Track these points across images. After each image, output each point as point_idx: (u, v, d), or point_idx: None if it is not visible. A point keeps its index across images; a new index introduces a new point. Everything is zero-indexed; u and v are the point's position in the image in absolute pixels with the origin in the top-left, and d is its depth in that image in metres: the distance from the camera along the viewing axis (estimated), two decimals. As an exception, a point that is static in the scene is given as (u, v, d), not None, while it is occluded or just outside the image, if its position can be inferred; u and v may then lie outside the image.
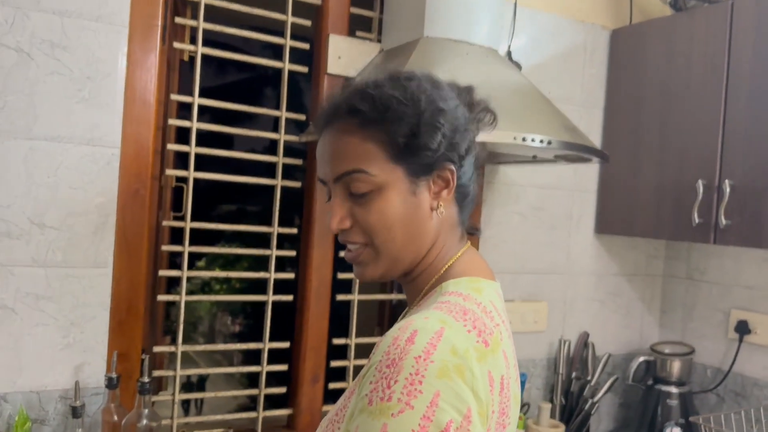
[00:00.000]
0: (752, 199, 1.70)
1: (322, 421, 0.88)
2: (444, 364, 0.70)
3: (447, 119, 0.83)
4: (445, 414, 0.68)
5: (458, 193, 0.87)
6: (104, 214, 1.48)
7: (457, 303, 0.78)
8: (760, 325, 2.01)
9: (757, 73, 1.71)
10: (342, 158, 0.82)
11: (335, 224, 0.84)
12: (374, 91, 0.82)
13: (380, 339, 0.75)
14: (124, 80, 1.48)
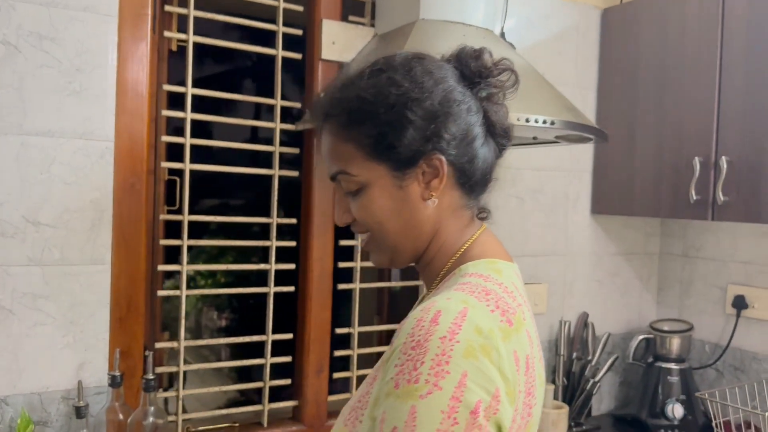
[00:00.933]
0: (749, 174, 1.70)
1: (344, 408, 0.87)
2: (470, 344, 0.69)
3: (420, 110, 0.80)
4: (473, 394, 0.67)
5: (457, 177, 0.84)
6: (100, 210, 1.44)
7: (478, 284, 0.77)
8: (758, 300, 2.02)
9: (751, 48, 1.71)
10: (330, 160, 0.86)
11: (337, 220, 0.89)
12: (342, 93, 0.84)
13: (402, 322, 0.74)
14: (115, 71, 1.44)
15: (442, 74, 0.83)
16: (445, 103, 0.81)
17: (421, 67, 0.83)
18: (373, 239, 0.86)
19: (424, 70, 0.82)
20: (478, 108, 0.85)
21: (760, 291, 2.02)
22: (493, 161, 0.88)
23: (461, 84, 0.84)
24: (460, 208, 0.86)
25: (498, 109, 0.87)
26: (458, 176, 0.84)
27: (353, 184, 0.83)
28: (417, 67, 0.82)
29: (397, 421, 0.67)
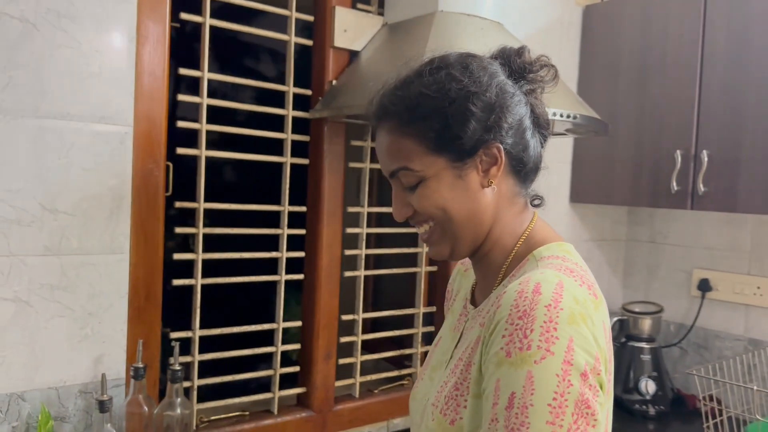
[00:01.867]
0: (727, 167, 1.84)
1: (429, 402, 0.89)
2: (572, 311, 0.74)
3: (480, 102, 0.84)
4: (580, 357, 0.72)
5: (512, 165, 0.88)
6: (119, 197, 1.39)
7: (559, 263, 0.82)
8: (721, 283, 2.18)
9: (732, 45, 1.83)
10: (389, 157, 0.89)
11: (396, 215, 0.91)
12: (402, 91, 0.87)
13: (496, 299, 0.79)
14: (134, 53, 1.39)
15: (494, 69, 0.88)
16: (501, 95, 0.86)
17: (476, 63, 0.88)
18: (437, 228, 0.89)
19: (479, 65, 0.87)
20: (525, 101, 0.90)
21: (723, 275, 2.18)
22: (541, 151, 0.93)
23: (510, 78, 0.89)
24: (515, 196, 0.90)
25: (539, 103, 0.92)
26: (514, 164, 0.88)
27: (414, 178, 0.86)
28: (473, 63, 0.87)
29: (514, 386, 0.71)
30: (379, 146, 0.91)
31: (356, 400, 1.81)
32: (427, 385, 0.96)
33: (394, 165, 0.88)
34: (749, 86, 1.78)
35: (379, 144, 0.90)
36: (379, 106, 0.90)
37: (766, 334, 2.06)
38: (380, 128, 0.90)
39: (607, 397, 0.79)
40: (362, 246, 1.80)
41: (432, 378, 0.96)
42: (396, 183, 0.90)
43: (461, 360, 0.87)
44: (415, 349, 1.93)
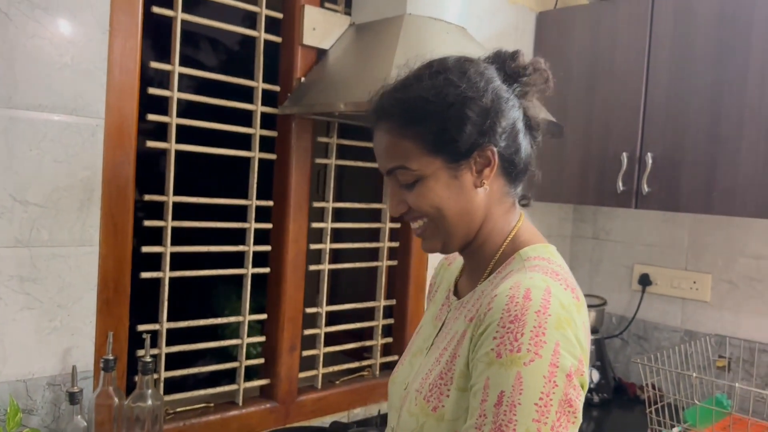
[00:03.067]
0: (670, 169, 1.96)
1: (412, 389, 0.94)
2: (558, 316, 0.79)
3: (476, 107, 0.89)
4: (566, 360, 0.78)
5: (504, 167, 0.93)
6: (89, 189, 1.39)
7: (544, 266, 0.88)
8: (660, 277, 2.33)
9: (676, 56, 1.95)
10: (387, 156, 0.93)
11: (392, 211, 0.96)
12: (402, 93, 0.92)
13: (487, 300, 0.84)
14: (107, 46, 1.39)
15: (490, 74, 0.93)
16: (496, 101, 0.90)
17: (473, 68, 0.92)
18: (431, 224, 0.93)
19: (476, 71, 0.91)
20: (519, 104, 0.95)
21: (662, 270, 2.32)
22: (531, 153, 0.98)
23: (504, 83, 0.94)
24: (504, 195, 0.95)
25: (532, 105, 0.97)
26: (506, 166, 0.93)
27: (410, 177, 0.91)
28: (470, 68, 0.92)
29: (503, 386, 0.77)
30: (377, 145, 0.94)
31: (318, 391, 1.85)
32: (407, 370, 1.02)
33: (391, 163, 0.92)
34: (691, 93, 1.91)
35: (377, 143, 0.94)
36: (379, 107, 0.94)
37: (701, 326, 2.21)
38: (379, 128, 0.94)
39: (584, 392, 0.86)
40: (327, 241, 1.84)
41: (412, 363, 1.01)
42: (392, 180, 0.94)
43: (446, 350, 0.92)
44: (375, 341, 1.99)
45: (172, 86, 1.52)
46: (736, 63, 1.81)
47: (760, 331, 2.08)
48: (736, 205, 1.82)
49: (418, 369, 0.98)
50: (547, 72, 0.97)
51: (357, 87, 1.53)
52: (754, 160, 1.78)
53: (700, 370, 2.08)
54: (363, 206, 1.96)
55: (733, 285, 2.14)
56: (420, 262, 2.02)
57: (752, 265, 2.10)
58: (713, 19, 1.86)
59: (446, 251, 0.97)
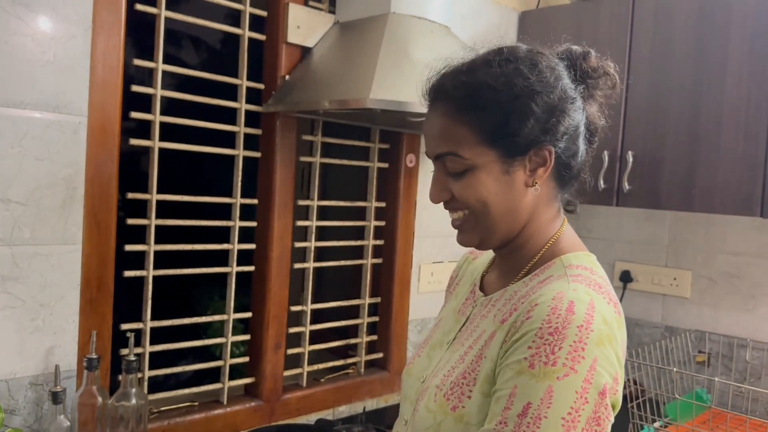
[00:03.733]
0: (650, 167, 1.99)
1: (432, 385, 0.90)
2: (600, 332, 0.77)
3: (543, 103, 0.84)
4: (601, 377, 0.75)
5: (558, 169, 0.89)
6: (72, 187, 1.38)
7: (588, 277, 0.84)
8: (641, 274, 2.36)
9: (656, 55, 1.98)
10: (439, 140, 0.88)
11: (433, 198, 0.91)
12: (467, 77, 0.87)
13: (527, 306, 0.80)
14: (90, 43, 1.38)
15: (560, 71, 0.88)
16: (562, 99, 0.86)
17: (545, 62, 0.88)
18: (471, 219, 0.89)
19: (547, 65, 0.87)
20: (583, 106, 0.90)
21: (642, 267, 2.35)
22: (587, 159, 0.94)
23: (573, 82, 0.89)
24: (553, 199, 0.92)
25: (592, 109, 0.93)
26: (560, 169, 0.89)
27: (460, 166, 0.86)
28: (542, 61, 0.87)
29: (531, 397, 0.74)
30: (429, 126, 0.90)
31: (303, 389, 1.86)
32: (424, 362, 0.98)
33: (442, 148, 0.87)
34: (671, 93, 1.93)
35: (429, 124, 0.89)
36: (439, 87, 0.89)
37: (681, 322, 2.24)
38: (434, 109, 0.89)
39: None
40: (312, 238, 1.84)
41: (430, 356, 0.98)
42: (439, 166, 0.89)
43: (471, 348, 0.88)
44: (360, 338, 1.99)
45: (156, 83, 1.51)
46: (715, 63, 1.84)
47: (738, 326, 2.11)
48: (716, 203, 1.85)
49: (438, 363, 0.94)
50: (616, 77, 0.94)
51: (341, 85, 1.53)
52: (732, 158, 1.80)
53: (680, 365, 2.11)
54: (348, 204, 1.96)
55: (712, 281, 2.17)
56: (405, 259, 2.03)
57: (731, 262, 2.13)
58: (693, 20, 1.89)
59: (483, 247, 0.93)
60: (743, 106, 1.79)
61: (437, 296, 2.15)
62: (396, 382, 2.06)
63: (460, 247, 0.95)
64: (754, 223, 2.08)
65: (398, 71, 1.48)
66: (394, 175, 2.02)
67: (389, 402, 2.06)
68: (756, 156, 1.76)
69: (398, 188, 2.01)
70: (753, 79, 1.77)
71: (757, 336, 2.07)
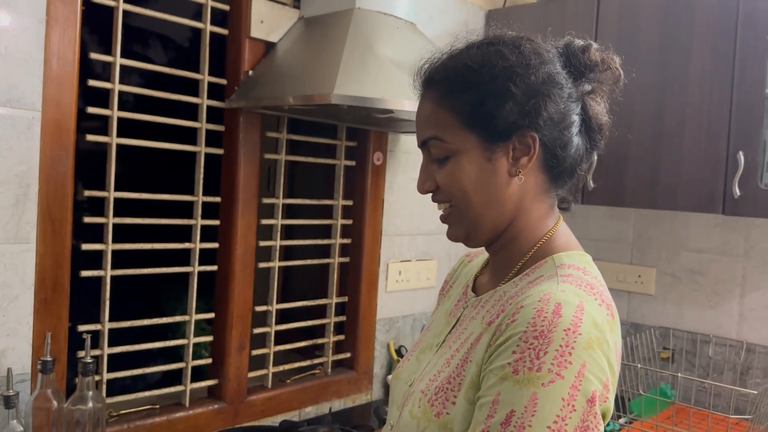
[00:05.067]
0: (615, 165, 2.00)
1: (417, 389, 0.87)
2: (589, 336, 0.72)
3: (523, 84, 0.82)
4: (590, 384, 0.71)
5: (546, 160, 0.85)
6: (25, 185, 1.33)
7: (580, 277, 0.80)
8: (606, 271, 2.33)
9: (621, 55, 1.97)
10: (424, 125, 0.88)
11: (420, 187, 0.90)
12: (449, 60, 0.87)
13: (512, 309, 0.77)
14: (44, 36, 1.33)
15: (549, 57, 0.86)
16: (547, 83, 0.83)
17: (530, 45, 0.85)
18: (455, 211, 0.87)
19: (532, 48, 0.85)
20: (578, 97, 0.87)
21: (607, 264, 2.37)
22: (584, 154, 0.89)
23: (567, 72, 0.86)
24: (542, 193, 0.87)
25: (596, 105, 0.89)
26: (548, 159, 0.85)
27: (443, 151, 0.85)
28: (527, 45, 0.85)
29: (515, 405, 0.70)
30: (418, 114, 0.89)
31: (269, 390, 1.83)
32: (413, 366, 0.95)
33: (426, 133, 0.87)
34: (635, 92, 1.95)
35: (418, 112, 0.89)
36: (425, 74, 0.89)
37: (646, 319, 2.26)
38: (423, 96, 0.89)
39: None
40: (277, 237, 1.81)
41: (419, 359, 0.95)
42: (426, 154, 0.88)
43: (458, 352, 0.85)
44: (327, 338, 1.97)
45: (114, 78, 1.47)
46: (679, 62, 1.86)
47: (701, 322, 2.14)
48: (679, 200, 1.86)
49: (426, 366, 0.91)
50: (620, 71, 0.91)
51: (306, 80, 1.51)
52: (695, 157, 1.83)
53: (645, 361, 2.13)
54: (314, 202, 1.93)
55: (676, 278, 2.20)
56: (372, 258, 2.02)
57: (694, 259, 2.16)
58: (656, 20, 1.91)
59: (471, 243, 0.90)
60: (706, 106, 1.81)
61: (405, 295, 2.14)
62: (364, 382, 2.05)
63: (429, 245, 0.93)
64: (716, 221, 2.11)
65: (363, 67, 1.47)
66: (362, 173, 2.00)
67: (356, 402, 2.04)
68: (718, 154, 1.79)
69: (365, 186, 1.99)
70: (715, 79, 1.79)
71: (719, 332, 2.10)
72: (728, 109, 1.77)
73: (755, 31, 1.73)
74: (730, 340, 2.06)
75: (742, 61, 1.75)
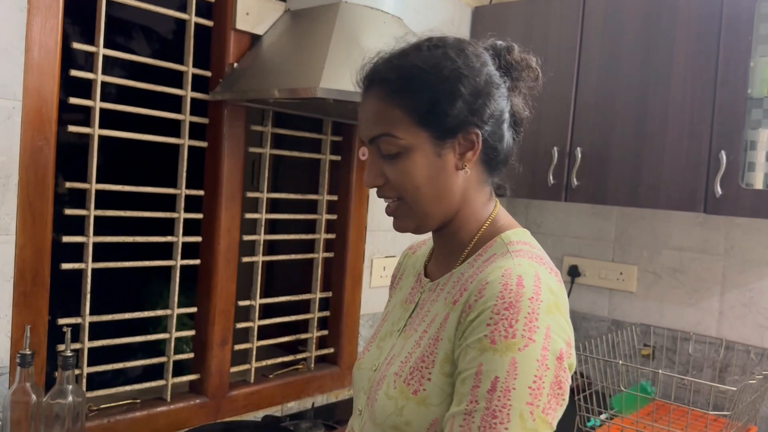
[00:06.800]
0: (598, 163, 2.02)
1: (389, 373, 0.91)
2: (548, 301, 0.81)
3: (470, 85, 0.88)
4: (556, 343, 0.79)
5: (485, 155, 0.92)
6: (5, 175, 1.31)
7: (529, 251, 0.89)
8: (588, 269, 2.39)
9: (605, 54, 2.01)
10: (374, 122, 0.91)
11: (368, 182, 0.93)
12: (399, 61, 0.91)
13: (477, 286, 0.83)
14: (25, 24, 1.31)
15: (486, 59, 0.92)
16: (488, 84, 0.90)
17: (471, 49, 0.92)
18: (405, 204, 0.92)
19: (473, 52, 0.91)
20: (507, 96, 0.94)
21: (589, 261, 2.39)
22: (513, 146, 0.98)
23: (498, 71, 0.93)
24: (482, 183, 0.95)
25: (518, 101, 0.97)
26: (488, 152, 0.92)
27: (394, 147, 0.89)
28: (468, 48, 0.91)
29: (498, 371, 0.77)
30: (363, 111, 0.92)
31: (251, 385, 1.82)
32: (375, 354, 1.00)
33: (377, 131, 0.90)
34: (619, 91, 1.96)
35: (364, 109, 0.92)
36: (373, 72, 0.92)
37: (627, 316, 2.28)
38: (369, 94, 0.92)
39: None
40: (261, 232, 1.80)
41: (380, 347, 0.99)
42: (374, 150, 0.92)
43: (426, 332, 0.90)
44: (311, 333, 1.96)
45: (96, 68, 1.45)
46: (661, 63, 1.88)
47: (682, 320, 2.16)
48: (661, 199, 1.88)
49: (391, 350, 0.96)
50: (538, 71, 0.98)
51: (291, 74, 1.50)
52: (677, 156, 1.84)
53: (626, 358, 2.15)
54: (299, 197, 1.93)
55: (657, 276, 2.22)
56: (356, 253, 2.01)
57: (675, 257, 2.18)
58: (640, 21, 1.92)
59: (420, 232, 0.96)
60: (688, 106, 1.83)
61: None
62: (347, 377, 2.04)
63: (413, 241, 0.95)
64: (697, 219, 2.14)
65: (349, 61, 1.46)
66: (347, 167, 1.99)
67: (339, 397, 2.04)
68: (699, 154, 1.81)
69: (350, 181, 1.99)
70: (697, 80, 1.81)
71: (699, 329, 2.12)
72: (711, 109, 1.79)
73: (738, 31, 1.75)
74: (710, 338, 2.09)
75: (725, 61, 1.77)
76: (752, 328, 2.02)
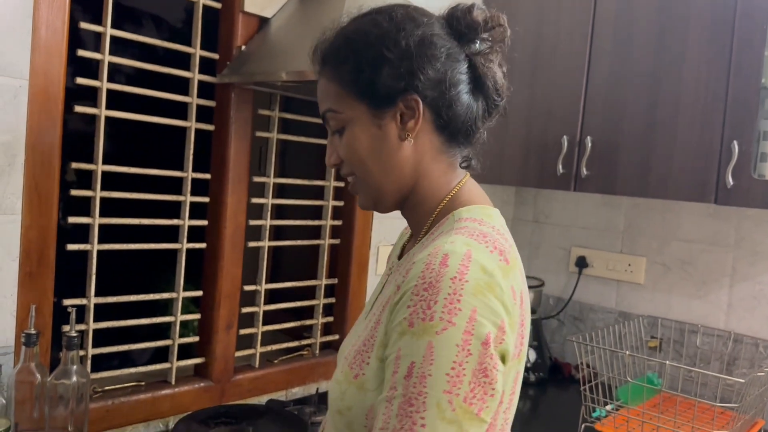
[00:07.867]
0: (608, 153, 1.99)
1: (344, 351, 0.91)
2: (477, 282, 0.75)
3: (396, 49, 0.85)
4: (483, 327, 0.74)
5: (437, 122, 0.88)
6: (11, 155, 1.31)
7: (474, 228, 0.83)
8: (596, 260, 2.37)
9: (617, 42, 1.98)
10: (320, 99, 0.92)
11: (327, 160, 0.94)
12: (334, 36, 0.91)
13: (408, 266, 0.80)
14: (32, 3, 1.30)
15: (425, 20, 0.88)
16: (422, 45, 0.85)
17: (403, 11, 0.88)
18: (359, 181, 0.91)
19: (406, 14, 0.88)
20: (463, 58, 0.88)
21: (597, 252, 2.37)
22: (480, 114, 0.91)
23: (448, 35, 0.88)
24: (440, 154, 0.90)
25: (491, 66, 0.91)
26: (436, 120, 0.88)
27: (338, 122, 0.89)
28: (399, 11, 0.88)
29: (414, 356, 0.73)
30: (317, 89, 0.93)
31: (255, 370, 1.82)
32: (349, 337, 0.98)
33: (322, 107, 0.91)
34: (630, 80, 1.94)
35: (317, 87, 0.93)
36: (314, 49, 0.93)
37: (635, 307, 2.27)
38: (319, 74, 0.92)
39: (517, 360, 0.82)
40: (267, 217, 1.79)
41: (355, 330, 0.98)
42: (328, 128, 0.92)
43: (374, 315, 0.88)
44: (316, 320, 1.96)
45: (104, 49, 1.44)
46: (674, 51, 1.85)
47: (690, 312, 2.14)
48: (671, 189, 1.86)
49: (355, 334, 0.94)
50: (505, 28, 0.93)
51: (300, 57, 1.48)
52: (688, 146, 1.82)
53: (633, 350, 2.13)
54: (306, 183, 1.92)
55: (666, 268, 2.20)
56: (363, 240, 2.00)
57: (684, 249, 2.16)
58: (653, 8, 1.89)
59: (380, 209, 0.94)
60: (701, 95, 1.81)
61: (394, 278, 2.13)
62: (351, 365, 2.04)
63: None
64: (708, 210, 2.11)
65: (358, 44, 1.44)
66: (353, 154, 1.98)
67: (343, 384, 2.03)
68: (711, 144, 1.78)
69: (357, 168, 1.98)
70: (710, 69, 1.78)
71: (707, 322, 2.10)
72: (723, 99, 1.77)
73: (753, 20, 1.72)
74: (718, 330, 2.07)
75: (738, 51, 1.74)
76: (761, 321, 2.00)
